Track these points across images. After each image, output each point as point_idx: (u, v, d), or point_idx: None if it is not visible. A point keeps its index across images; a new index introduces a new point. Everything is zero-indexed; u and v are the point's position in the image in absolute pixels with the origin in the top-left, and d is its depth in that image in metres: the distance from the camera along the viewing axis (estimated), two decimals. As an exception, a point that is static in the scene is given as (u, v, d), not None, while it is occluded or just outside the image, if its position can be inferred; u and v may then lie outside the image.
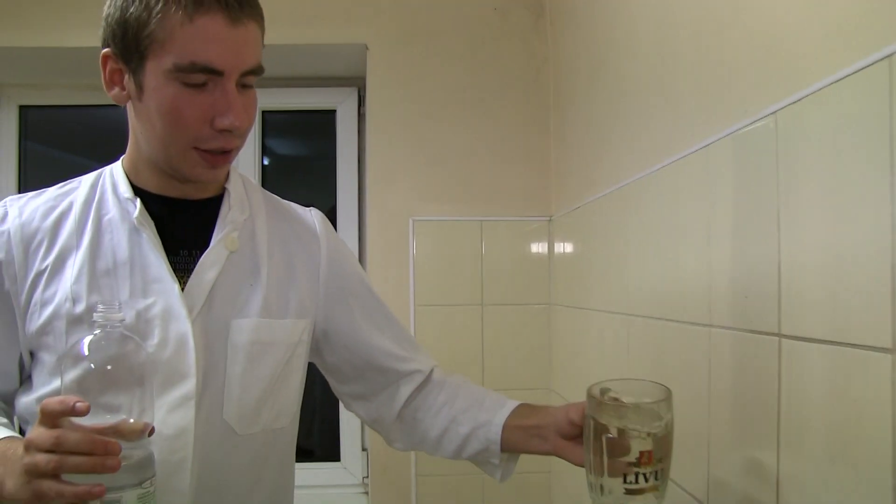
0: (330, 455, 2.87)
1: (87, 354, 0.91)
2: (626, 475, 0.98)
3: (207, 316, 1.13)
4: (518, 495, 2.49)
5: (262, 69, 1.09)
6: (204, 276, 1.14)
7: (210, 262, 1.15)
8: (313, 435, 2.94)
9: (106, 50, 1.08)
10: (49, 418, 0.88)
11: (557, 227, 2.47)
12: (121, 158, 1.20)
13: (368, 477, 2.66)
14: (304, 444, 2.91)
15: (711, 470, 1.24)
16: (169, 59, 1.01)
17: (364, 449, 2.82)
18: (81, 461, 0.86)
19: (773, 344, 1.02)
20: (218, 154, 1.10)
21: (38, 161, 2.84)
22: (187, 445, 1.08)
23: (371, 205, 2.55)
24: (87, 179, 1.20)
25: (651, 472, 0.98)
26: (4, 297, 1.11)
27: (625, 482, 0.98)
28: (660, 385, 1.04)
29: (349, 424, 2.83)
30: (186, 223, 1.18)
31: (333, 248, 1.33)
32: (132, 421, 0.92)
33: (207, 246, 1.16)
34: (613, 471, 1.00)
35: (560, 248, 2.44)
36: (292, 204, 1.37)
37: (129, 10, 1.02)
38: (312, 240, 1.31)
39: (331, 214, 2.87)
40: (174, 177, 1.15)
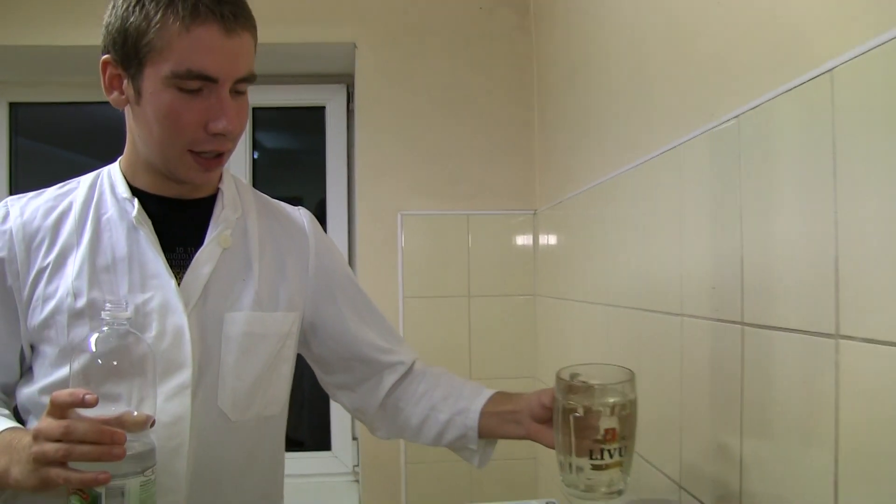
0: (321, 444, 2.90)
1: (95, 350, 0.97)
2: (593, 452, 1.04)
3: (202, 309, 1.18)
4: (505, 481, 2.52)
5: (255, 77, 1.14)
6: (199, 272, 1.19)
7: (204, 259, 1.20)
8: (305, 426, 2.96)
9: (106, 56, 1.12)
10: (58, 409, 0.93)
11: (542, 221, 2.50)
12: (118, 160, 1.25)
13: (359, 465, 2.70)
14: (297, 435, 2.94)
15: (684, 452, 1.29)
16: (166, 67, 1.06)
17: (354, 438, 2.84)
18: (89, 450, 0.91)
19: (737, 332, 1.08)
20: (211, 158, 1.15)
21: (29, 157, 2.86)
22: (184, 432, 1.12)
23: (360, 199, 2.58)
24: (86, 180, 1.24)
25: (616, 449, 1.04)
26: (7, 293, 1.16)
27: (591, 458, 1.04)
28: (624, 368, 1.09)
29: (339, 415, 2.86)
30: (182, 222, 1.22)
31: (321, 245, 1.38)
32: (136, 413, 0.97)
33: (202, 243, 1.21)
34: (581, 449, 1.05)
35: (544, 241, 2.47)
36: (282, 203, 1.41)
37: (130, 20, 1.06)
38: (301, 237, 1.36)
39: (320, 207, 2.90)
40: (170, 178, 1.19)
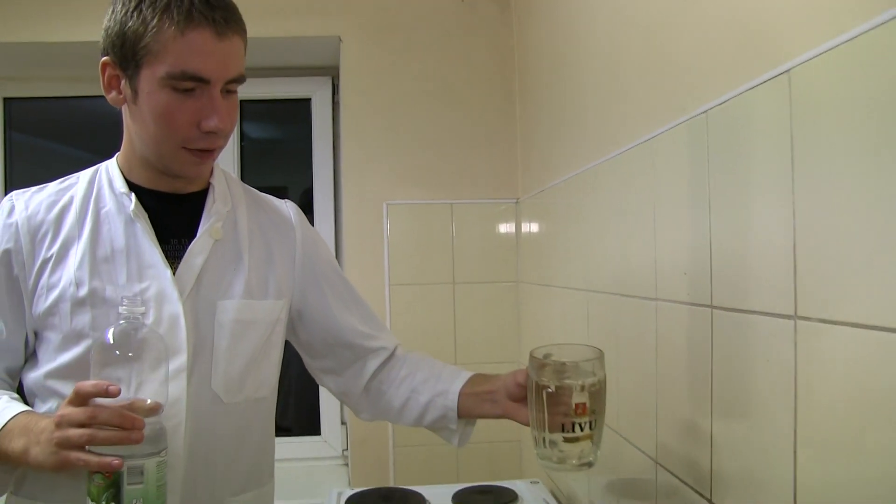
0: (311, 429, 2.94)
1: (113, 342, 1.06)
2: (565, 426, 1.10)
3: (196, 297, 1.25)
4: (490, 463, 2.58)
5: (244, 78, 1.20)
6: (193, 263, 1.25)
7: (198, 250, 1.26)
8: (295, 410, 3.00)
9: (105, 58, 1.18)
10: (82, 398, 1.02)
11: (524, 209, 2.54)
12: (115, 156, 1.31)
13: (348, 449, 2.75)
14: (286, 421, 2.98)
15: (660, 430, 1.35)
16: (162, 68, 1.12)
17: (343, 423, 2.89)
18: (111, 434, 1.00)
19: (707, 314, 1.13)
20: (203, 152, 1.21)
21: (23, 150, 2.90)
22: (181, 412, 1.19)
23: (346, 190, 2.62)
24: (85, 175, 1.30)
25: (586, 422, 1.10)
26: (13, 283, 1.22)
27: (563, 432, 1.10)
28: (593, 347, 1.16)
29: (329, 400, 2.90)
30: (176, 215, 1.29)
31: (307, 237, 1.44)
32: (149, 401, 1.06)
33: (195, 235, 1.27)
34: (554, 424, 1.11)
35: (527, 229, 2.51)
36: (269, 196, 1.47)
37: (128, 24, 1.13)
38: (288, 229, 1.42)
39: (306, 196, 2.95)
40: (165, 172, 1.26)
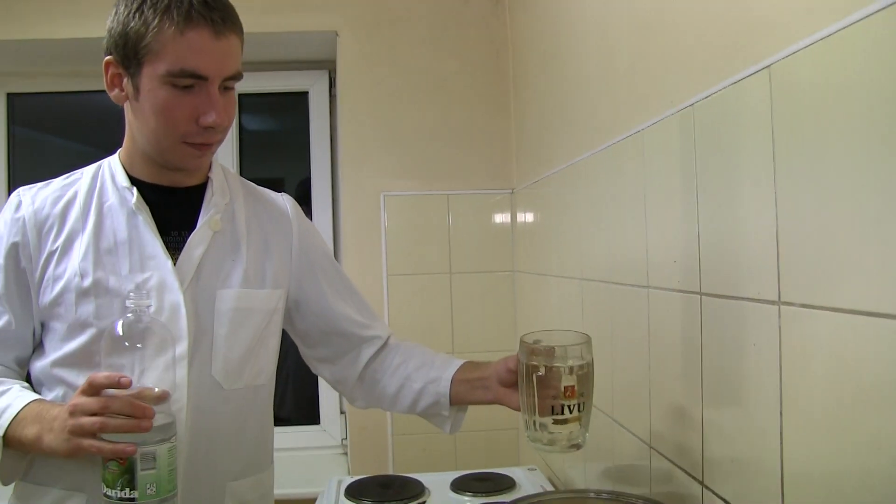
0: (310, 419, 2.97)
1: (122, 333, 1.11)
2: (554, 408, 1.14)
3: (196, 287, 1.28)
4: (488, 451, 2.60)
5: (241, 75, 1.25)
6: (192, 253, 1.29)
7: (197, 241, 1.30)
8: (294, 401, 3.03)
9: (108, 57, 1.23)
10: (94, 388, 1.07)
11: (519, 199, 2.56)
12: (117, 152, 1.35)
13: (347, 438, 2.78)
14: (287, 411, 3.01)
15: (653, 414, 1.37)
16: (162, 66, 1.16)
17: (342, 412, 2.91)
18: (122, 423, 1.06)
19: (696, 301, 1.16)
20: (202, 146, 1.25)
21: (26, 144, 2.94)
22: (182, 398, 1.23)
23: (343, 182, 2.64)
24: (88, 171, 1.34)
25: (574, 405, 1.14)
26: (21, 275, 1.27)
27: (552, 414, 1.14)
28: (582, 333, 1.19)
29: (328, 390, 2.92)
30: (176, 208, 1.33)
31: (303, 229, 1.48)
32: (157, 390, 1.11)
33: (195, 227, 1.31)
34: (543, 407, 1.15)
35: (522, 219, 2.53)
36: (266, 189, 1.51)
37: (130, 25, 1.17)
38: (285, 221, 1.46)
39: (302, 186, 2.98)
40: (165, 166, 1.30)
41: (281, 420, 2.90)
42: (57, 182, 1.34)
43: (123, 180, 1.30)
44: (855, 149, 0.78)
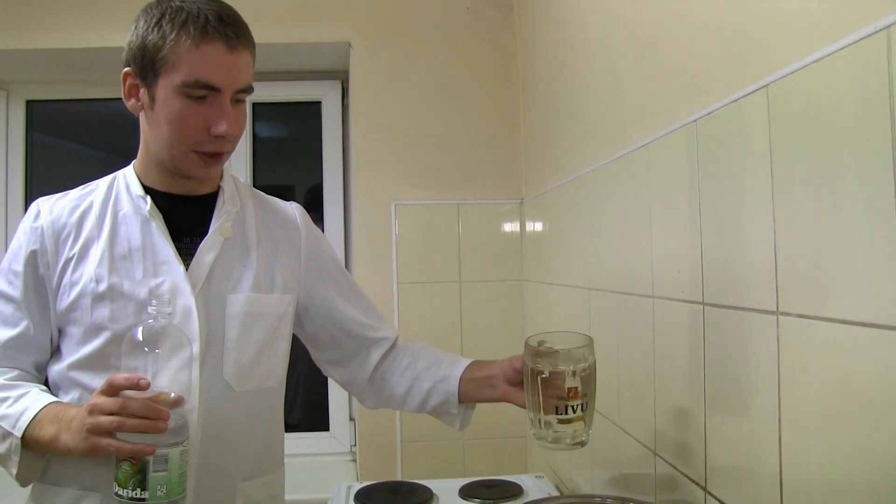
0: (320, 425, 2.98)
1: (142, 339, 1.15)
2: (558, 408, 1.17)
3: (207, 291, 1.32)
4: (496, 458, 2.61)
5: (252, 89, 1.29)
6: (204, 259, 1.33)
7: (209, 247, 1.34)
8: (304, 407, 3.05)
9: (127, 69, 1.28)
10: (113, 389, 1.12)
11: (528, 209, 2.57)
12: (132, 163, 1.39)
13: (356, 445, 2.80)
14: (296, 417, 3.02)
15: (658, 421, 1.39)
16: (178, 77, 1.21)
17: (352, 419, 2.93)
18: (139, 423, 1.10)
19: (699, 310, 1.18)
20: (212, 156, 1.29)
21: (44, 150, 2.99)
22: (194, 399, 1.26)
23: (355, 190, 2.66)
24: (104, 182, 1.39)
25: (578, 405, 1.17)
26: (39, 281, 1.31)
27: (557, 414, 1.17)
28: (584, 335, 1.22)
29: (337, 397, 2.95)
30: (188, 215, 1.37)
31: (311, 235, 1.52)
32: (172, 395, 1.15)
33: (206, 233, 1.35)
34: (548, 406, 1.18)
35: (531, 228, 2.55)
36: (275, 198, 1.55)
37: (149, 38, 1.23)
38: (293, 228, 1.50)
39: (311, 193, 3.02)
40: (177, 174, 1.34)
41: (291, 426, 2.91)
42: (74, 193, 1.39)
43: (138, 189, 1.35)
44: (848, 165, 0.80)
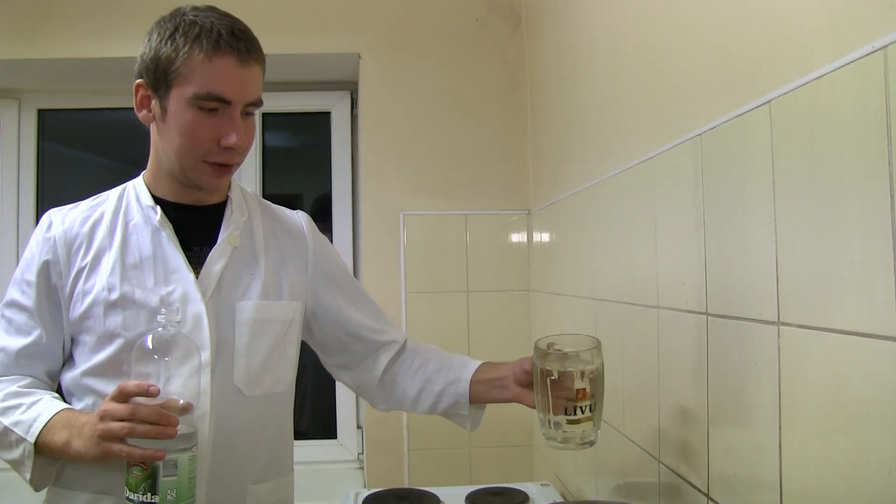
0: (327, 433, 2.99)
1: (152, 347, 1.18)
2: (567, 409, 1.19)
3: (217, 299, 1.35)
4: (502, 465, 2.62)
5: (262, 102, 1.32)
6: (213, 267, 1.36)
7: (217, 256, 1.37)
8: (312, 415, 3.06)
9: (139, 80, 1.31)
10: (124, 396, 1.14)
11: (536, 220, 2.59)
12: (141, 174, 1.42)
13: (364, 453, 2.79)
14: (304, 425, 3.04)
15: (662, 429, 1.41)
16: (190, 89, 1.25)
17: (359, 427, 2.94)
18: (148, 429, 1.12)
19: (702, 321, 1.20)
20: (222, 166, 1.32)
21: (55, 159, 3.02)
22: (205, 404, 1.29)
23: (364, 200, 2.68)
24: (114, 193, 1.42)
25: (587, 406, 1.20)
26: (52, 291, 1.34)
27: (566, 414, 1.19)
28: (592, 337, 1.24)
29: (345, 405, 2.96)
30: (197, 224, 1.39)
31: (317, 243, 1.54)
32: (182, 402, 1.17)
33: (215, 242, 1.38)
34: (557, 407, 1.21)
35: (538, 239, 2.56)
36: (282, 207, 1.58)
37: (162, 51, 1.26)
38: (300, 236, 1.52)
39: (319, 202, 3.02)
40: (186, 184, 1.36)
41: (298, 434, 2.89)
42: (85, 204, 1.42)
43: (148, 200, 1.37)
44: (846, 179, 0.82)
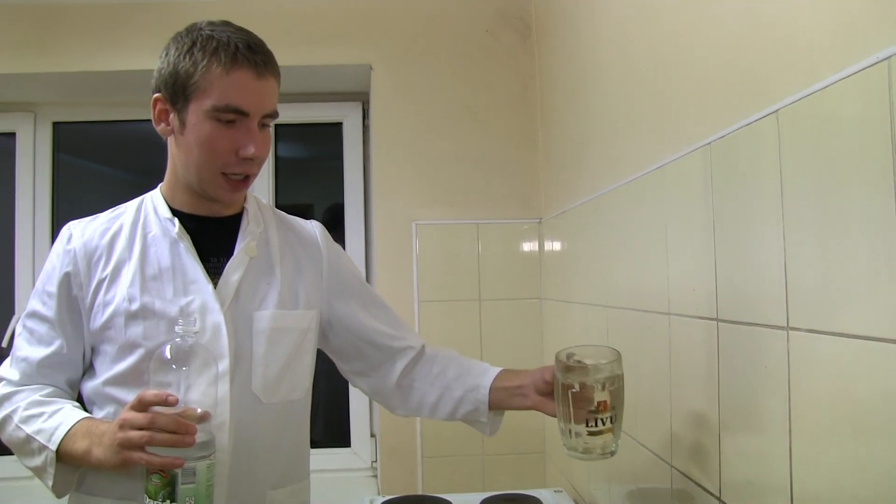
0: (341, 442, 3.00)
1: (170, 357, 1.20)
2: (588, 420, 1.21)
3: (235, 309, 1.37)
4: (515, 474, 2.62)
5: (277, 114, 1.35)
6: (231, 278, 1.38)
7: (235, 266, 1.39)
8: (325, 424, 3.06)
9: (157, 94, 1.34)
10: (143, 405, 1.16)
11: (547, 229, 2.60)
12: (158, 186, 1.45)
13: (377, 461, 2.81)
14: (318, 434, 3.05)
15: (674, 435, 1.41)
16: (208, 102, 1.27)
17: (373, 435, 2.94)
18: (167, 437, 1.14)
19: (713, 327, 1.21)
20: (239, 180, 1.35)
21: (70, 171, 3.05)
22: (225, 412, 1.31)
23: (376, 210, 2.70)
24: (132, 206, 1.45)
25: (607, 417, 1.21)
26: (73, 302, 1.37)
27: (587, 426, 1.21)
28: (612, 349, 1.25)
29: (358, 413, 2.97)
30: (214, 236, 1.42)
31: (331, 252, 1.57)
32: (199, 411, 1.19)
33: (232, 253, 1.41)
34: (578, 418, 1.22)
35: (549, 248, 2.57)
36: (296, 218, 1.60)
37: (181, 65, 1.29)
38: (314, 246, 1.55)
39: (330, 212, 3.06)
40: (204, 197, 1.39)
41: (312, 442, 2.90)
42: (103, 216, 1.44)
43: (165, 212, 1.40)
44: (852, 187, 0.84)
